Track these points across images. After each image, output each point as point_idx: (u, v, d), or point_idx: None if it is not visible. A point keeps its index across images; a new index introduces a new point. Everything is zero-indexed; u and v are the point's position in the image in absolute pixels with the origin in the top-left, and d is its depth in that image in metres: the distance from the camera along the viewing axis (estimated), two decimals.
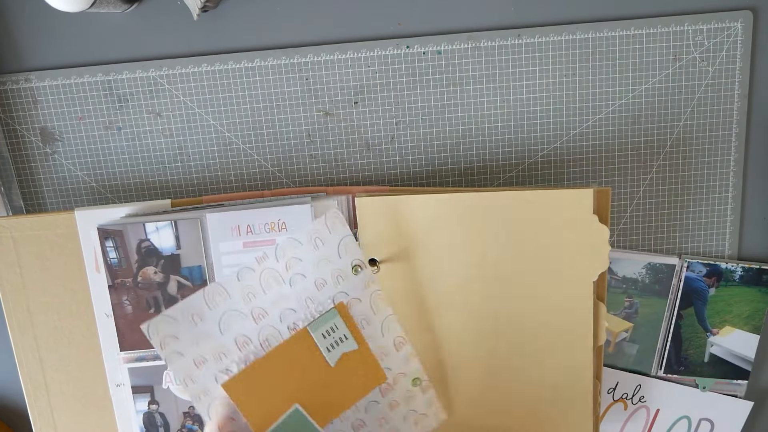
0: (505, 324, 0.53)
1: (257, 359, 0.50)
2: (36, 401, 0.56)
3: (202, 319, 0.49)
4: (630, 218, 0.59)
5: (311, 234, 0.50)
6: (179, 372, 0.48)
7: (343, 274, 0.51)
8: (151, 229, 0.52)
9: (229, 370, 0.49)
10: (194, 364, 0.48)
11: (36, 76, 0.56)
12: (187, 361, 0.48)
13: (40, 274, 0.54)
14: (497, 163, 0.58)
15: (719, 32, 0.56)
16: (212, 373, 0.49)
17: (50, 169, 0.58)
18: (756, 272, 0.59)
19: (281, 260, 0.50)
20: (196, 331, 0.49)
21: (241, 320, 0.50)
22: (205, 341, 0.49)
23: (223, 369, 0.49)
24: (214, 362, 0.49)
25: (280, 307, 0.50)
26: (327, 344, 0.51)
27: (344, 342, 0.51)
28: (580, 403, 0.54)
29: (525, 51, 0.56)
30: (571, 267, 0.51)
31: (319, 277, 0.50)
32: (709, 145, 0.58)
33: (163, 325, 0.48)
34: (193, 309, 0.49)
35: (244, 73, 0.56)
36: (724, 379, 0.61)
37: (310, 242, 0.50)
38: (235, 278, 0.49)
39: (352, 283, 0.51)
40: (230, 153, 0.58)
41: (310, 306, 0.50)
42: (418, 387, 0.53)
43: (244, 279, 0.49)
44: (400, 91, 0.56)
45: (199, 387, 0.48)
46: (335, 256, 0.51)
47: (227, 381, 0.49)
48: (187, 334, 0.49)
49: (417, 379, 0.53)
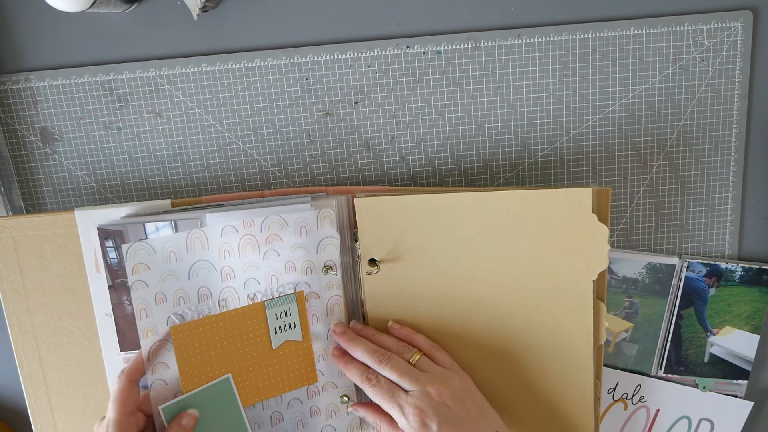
0: (504, 324, 0.53)
1: (210, 314, 0.50)
2: (36, 401, 0.56)
3: (177, 259, 0.49)
4: (630, 218, 0.59)
5: (299, 221, 0.51)
6: (138, 301, 0.48)
7: (313, 267, 0.52)
8: (151, 229, 0.52)
9: (182, 315, 0.49)
10: (154, 299, 0.49)
11: (36, 76, 0.56)
12: (149, 294, 0.49)
13: (40, 274, 0.54)
14: (497, 163, 0.58)
15: (719, 32, 0.56)
16: (167, 313, 0.49)
17: (50, 169, 0.58)
18: (756, 272, 0.59)
19: (264, 232, 0.50)
20: (167, 268, 0.49)
21: (209, 273, 0.50)
22: (171, 281, 0.49)
23: (178, 313, 0.49)
24: (172, 304, 0.49)
25: (248, 274, 0.51)
26: (276, 325, 0.51)
27: (291, 330, 0.52)
28: (580, 402, 0.54)
29: (525, 51, 0.56)
30: (571, 267, 0.51)
31: (290, 261, 0.51)
32: (709, 145, 0.58)
33: (141, 252, 0.48)
34: (173, 246, 0.49)
35: (244, 73, 0.56)
36: (724, 379, 0.61)
37: (295, 227, 0.51)
38: (219, 233, 0.50)
39: (317, 279, 0.52)
40: (230, 153, 0.58)
41: (273, 283, 0.51)
42: (345, 405, 0.54)
43: (226, 236, 0.50)
44: (400, 91, 0.56)
45: (151, 323, 0.49)
46: (313, 249, 0.52)
47: (177, 325, 0.49)
48: (159, 268, 0.49)
49: (345, 396, 0.54)
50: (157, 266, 0.49)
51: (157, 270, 0.49)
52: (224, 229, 0.50)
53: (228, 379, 0.50)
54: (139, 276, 0.49)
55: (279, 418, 0.52)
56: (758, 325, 0.60)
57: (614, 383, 0.62)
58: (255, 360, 0.51)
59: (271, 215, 0.51)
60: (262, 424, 0.52)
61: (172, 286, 0.49)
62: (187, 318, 0.50)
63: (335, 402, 0.54)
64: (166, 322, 0.49)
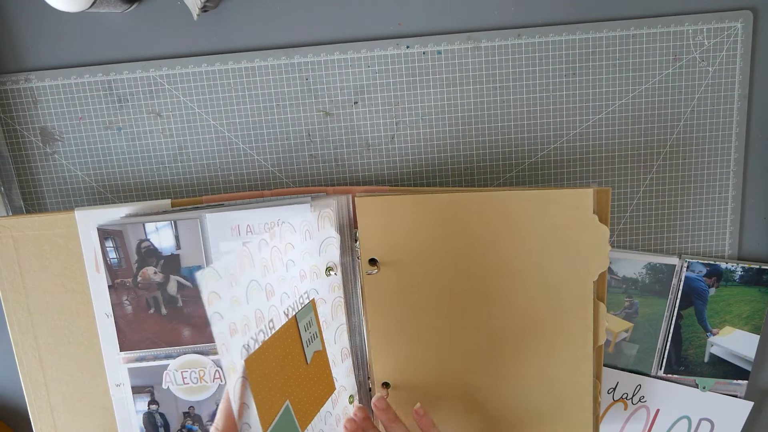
0: (504, 323, 0.53)
1: (266, 339, 0.43)
2: (36, 401, 0.56)
3: (237, 283, 0.41)
4: (630, 218, 0.59)
5: (304, 224, 0.48)
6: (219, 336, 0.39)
7: (318, 271, 0.50)
8: (151, 229, 0.52)
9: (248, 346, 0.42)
10: (229, 330, 0.40)
11: (36, 76, 0.56)
12: (225, 325, 0.40)
13: (40, 273, 0.54)
14: (497, 163, 0.58)
15: (719, 32, 0.56)
16: (240, 344, 0.41)
17: (50, 169, 0.58)
18: (756, 272, 0.59)
19: (282, 241, 0.46)
20: (231, 294, 0.41)
21: (258, 293, 0.43)
22: (236, 307, 0.41)
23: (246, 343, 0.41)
24: (242, 333, 0.41)
25: (282, 288, 0.45)
26: (306, 338, 0.46)
27: (315, 340, 0.47)
28: (580, 403, 0.54)
29: (525, 51, 0.56)
30: (571, 267, 0.51)
31: (302, 268, 0.48)
32: (709, 145, 0.58)
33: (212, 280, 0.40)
34: (231, 268, 0.41)
35: (244, 73, 0.56)
36: (724, 379, 0.61)
37: (302, 231, 0.48)
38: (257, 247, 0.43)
39: (322, 282, 0.50)
40: (230, 153, 0.58)
41: (295, 294, 0.47)
42: (352, 405, 0.53)
43: (263, 251, 0.44)
44: (400, 91, 0.56)
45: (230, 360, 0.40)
46: (316, 252, 0.50)
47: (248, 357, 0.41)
48: (226, 295, 0.41)
49: (352, 396, 0.53)
50: (224, 293, 0.41)
51: (225, 297, 0.41)
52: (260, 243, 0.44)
53: (288, 408, 0.45)
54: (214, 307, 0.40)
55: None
56: (758, 325, 0.60)
57: (614, 383, 0.62)
58: (298, 380, 0.46)
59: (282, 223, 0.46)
60: None
61: (237, 313, 0.41)
62: (251, 348, 0.42)
63: (346, 404, 0.52)
64: (240, 354, 0.41)
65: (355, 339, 0.55)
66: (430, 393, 0.55)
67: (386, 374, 0.55)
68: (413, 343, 0.54)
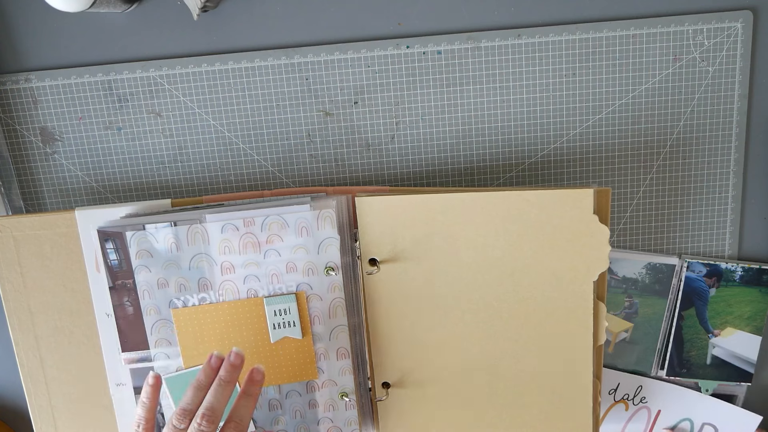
0: (504, 324, 0.53)
1: (211, 303, 0.53)
2: (36, 401, 0.56)
3: (179, 249, 0.52)
4: (630, 218, 0.59)
5: (300, 222, 0.51)
6: (142, 284, 0.52)
7: (314, 269, 0.53)
8: (151, 229, 0.52)
9: (183, 302, 0.53)
10: (157, 283, 0.52)
11: (36, 76, 0.56)
12: (152, 277, 0.52)
13: (40, 273, 0.54)
14: (497, 163, 0.58)
15: (719, 32, 0.56)
16: (168, 297, 0.52)
17: (50, 169, 0.58)
18: (756, 272, 0.59)
19: (265, 232, 0.52)
20: (168, 257, 0.52)
21: (209, 266, 0.52)
22: (172, 269, 0.52)
23: (180, 298, 0.52)
24: (174, 290, 0.52)
25: (248, 270, 0.53)
26: (275, 322, 0.53)
27: (291, 327, 0.53)
28: (580, 403, 0.54)
29: (525, 51, 0.56)
30: (571, 267, 0.51)
31: (291, 262, 0.52)
32: (709, 145, 0.58)
33: (144, 240, 0.51)
34: (174, 237, 0.51)
35: (244, 73, 0.56)
36: (726, 381, 0.61)
37: (296, 228, 0.52)
38: (219, 229, 0.52)
39: (319, 281, 0.53)
40: (230, 153, 0.58)
41: (273, 282, 0.53)
42: (344, 401, 0.55)
43: (227, 233, 0.52)
44: (400, 91, 0.56)
45: (153, 303, 0.52)
46: (314, 250, 0.52)
47: (179, 309, 0.52)
48: (161, 256, 0.52)
49: (345, 393, 0.55)
50: (158, 254, 0.52)
51: (159, 257, 0.52)
52: (224, 226, 0.52)
53: None
54: (142, 261, 0.52)
55: (277, 405, 0.55)
56: (759, 326, 0.60)
57: (615, 384, 0.62)
58: (253, 349, 0.53)
59: (272, 215, 0.51)
60: (260, 407, 0.54)
61: (172, 273, 0.52)
62: (189, 304, 0.53)
63: (334, 398, 0.55)
64: (168, 305, 0.53)
65: (355, 339, 0.55)
66: (430, 393, 0.55)
67: (386, 374, 0.55)
68: (413, 343, 0.54)
